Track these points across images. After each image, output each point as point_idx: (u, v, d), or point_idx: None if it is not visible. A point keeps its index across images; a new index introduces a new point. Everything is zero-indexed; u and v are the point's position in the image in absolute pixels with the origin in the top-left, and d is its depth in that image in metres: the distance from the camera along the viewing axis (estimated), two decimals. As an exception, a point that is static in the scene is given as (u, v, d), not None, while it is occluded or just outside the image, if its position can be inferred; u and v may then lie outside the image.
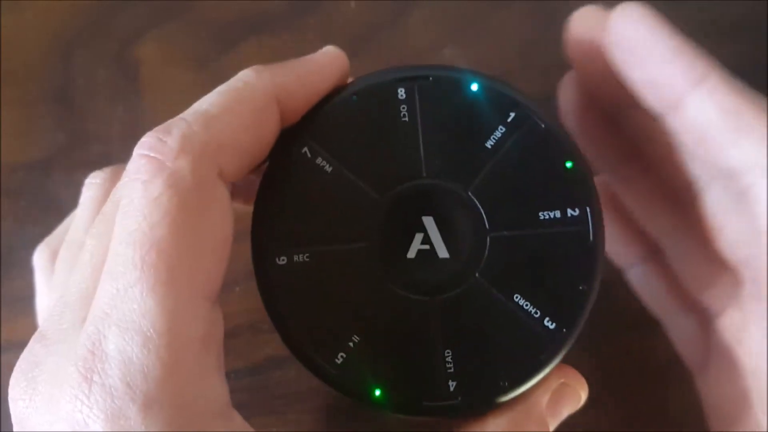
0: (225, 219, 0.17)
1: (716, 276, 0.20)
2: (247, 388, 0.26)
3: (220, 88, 0.17)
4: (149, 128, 0.17)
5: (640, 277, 0.24)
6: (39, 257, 0.23)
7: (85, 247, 0.18)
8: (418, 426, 0.19)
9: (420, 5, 0.27)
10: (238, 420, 0.16)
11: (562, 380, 0.19)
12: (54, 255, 0.21)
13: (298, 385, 0.26)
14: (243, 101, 0.17)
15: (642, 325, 0.25)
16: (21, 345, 0.17)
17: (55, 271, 0.21)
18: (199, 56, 0.28)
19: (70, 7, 0.29)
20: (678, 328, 0.23)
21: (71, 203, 0.27)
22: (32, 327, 0.26)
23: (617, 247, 0.24)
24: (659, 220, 0.23)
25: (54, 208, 0.27)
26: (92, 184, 0.22)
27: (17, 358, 0.17)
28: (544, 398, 0.18)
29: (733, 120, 0.17)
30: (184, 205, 0.15)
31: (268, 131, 0.18)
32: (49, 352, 0.16)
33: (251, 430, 0.16)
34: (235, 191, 0.18)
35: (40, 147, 0.28)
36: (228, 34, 0.28)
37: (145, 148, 0.16)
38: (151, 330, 0.15)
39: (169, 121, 0.16)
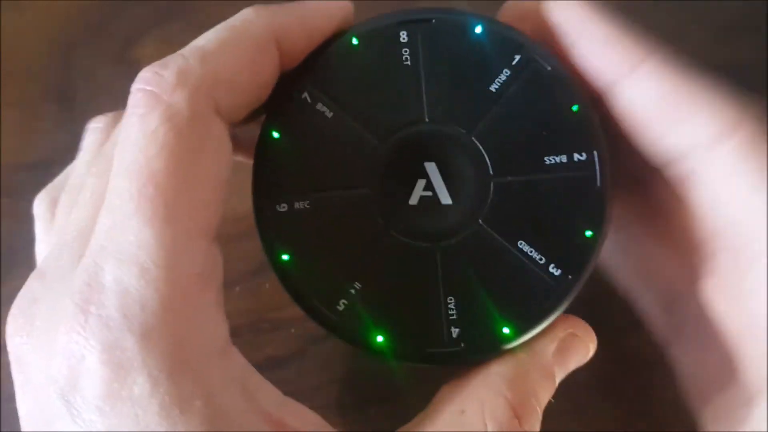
0: (222, 155, 0.16)
1: (683, 252, 0.20)
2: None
3: (219, 26, 0.17)
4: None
5: (607, 257, 0.23)
6: (39, 205, 0.22)
7: (85, 186, 0.18)
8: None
9: None
10: (238, 358, 0.16)
11: (570, 330, 0.18)
12: (54, 203, 0.20)
13: (299, 385, 0.26)
14: (241, 38, 0.17)
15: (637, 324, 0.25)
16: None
17: (56, 215, 0.20)
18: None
19: (71, 8, 0.29)
20: (647, 305, 0.23)
21: (72, 203, 0.27)
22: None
23: None
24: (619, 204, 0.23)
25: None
26: (94, 129, 0.21)
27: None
28: (550, 347, 0.18)
29: (671, 103, 0.17)
30: (181, 138, 0.15)
31: (266, 71, 0.17)
32: (47, 289, 0.16)
33: (252, 368, 0.16)
34: (238, 144, 0.18)
35: (40, 147, 0.28)
36: (228, 34, 0.28)
37: (141, 82, 0.16)
38: (149, 261, 0.15)
39: (167, 57, 0.16)
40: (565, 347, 0.18)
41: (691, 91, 0.17)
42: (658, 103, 0.17)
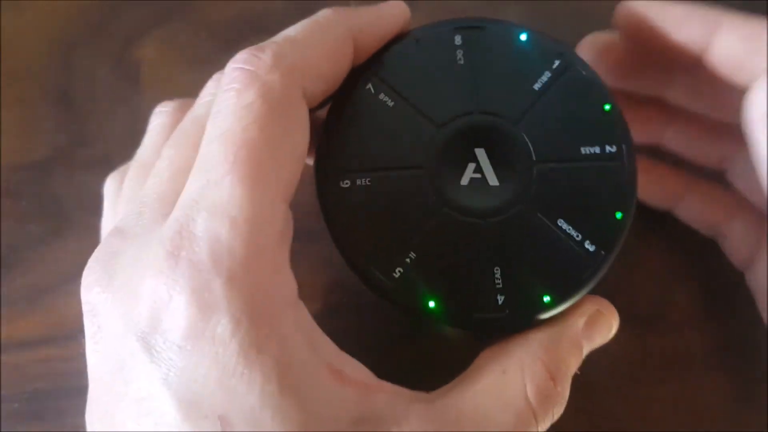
0: (304, 134, 0.18)
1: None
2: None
3: (304, 21, 0.19)
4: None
5: (688, 208, 0.26)
6: (110, 184, 0.23)
7: (162, 156, 0.19)
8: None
9: None
10: (305, 311, 0.17)
11: (597, 308, 0.20)
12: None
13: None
14: (325, 32, 0.19)
15: (633, 324, 0.25)
16: (21, 345, 0.17)
17: (123, 189, 0.21)
18: (200, 56, 0.28)
19: (71, 8, 0.29)
20: (730, 236, 0.25)
21: (72, 203, 0.27)
22: (34, 326, 0.26)
23: (660, 190, 0.26)
24: (714, 151, 0.25)
25: (55, 209, 0.27)
26: (161, 112, 0.23)
27: (17, 358, 0.17)
28: (580, 321, 0.20)
29: (753, 43, 0.20)
30: (273, 113, 0.17)
31: (344, 63, 0.19)
32: (129, 244, 0.17)
33: (314, 323, 0.17)
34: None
35: (40, 147, 0.28)
36: (228, 34, 0.28)
37: (239, 62, 0.18)
38: (239, 216, 0.16)
39: (261, 43, 0.18)
40: (593, 323, 0.20)
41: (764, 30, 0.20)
42: (745, 46, 0.20)
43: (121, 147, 0.25)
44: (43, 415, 0.25)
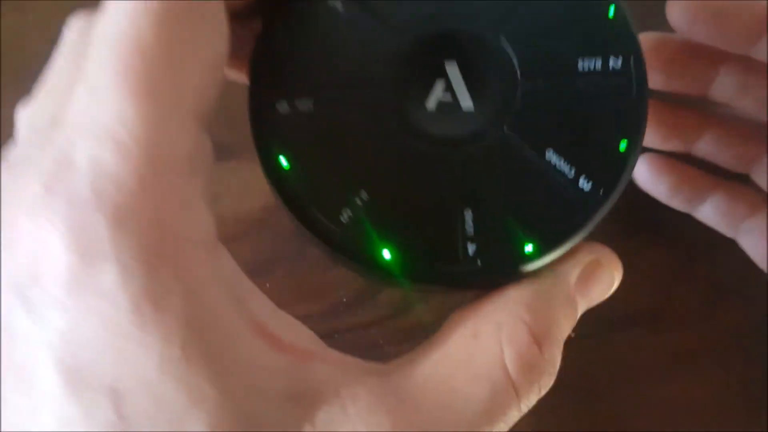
0: (221, 33, 0.15)
1: None
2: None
3: None
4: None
5: (712, 208, 0.25)
6: (20, 118, 0.20)
7: (55, 69, 0.16)
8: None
9: None
10: (227, 258, 0.14)
11: (594, 256, 0.17)
12: None
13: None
14: None
15: (628, 324, 0.25)
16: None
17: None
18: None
19: (70, 8, 0.29)
20: (753, 234, 0.24)
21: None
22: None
23: (685, 191, 0.25)
24: (745, 154, 0.25)
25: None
26: (73, 25, 0.19)
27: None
28: (573, 272, 0.16)
29: None
30: (178, 10, 0.14)
31: None
32: (12, 176, 0.14)
33: (243, 274, 0.15)
34: (231, 58, 0.17)
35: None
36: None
37: None
38: (129, 138, 0.13)
39: None
40: (589, 275, 0.17)
41: None
42: None
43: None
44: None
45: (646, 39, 0.24)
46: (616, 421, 0.25)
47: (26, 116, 0.17)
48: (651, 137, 0.26)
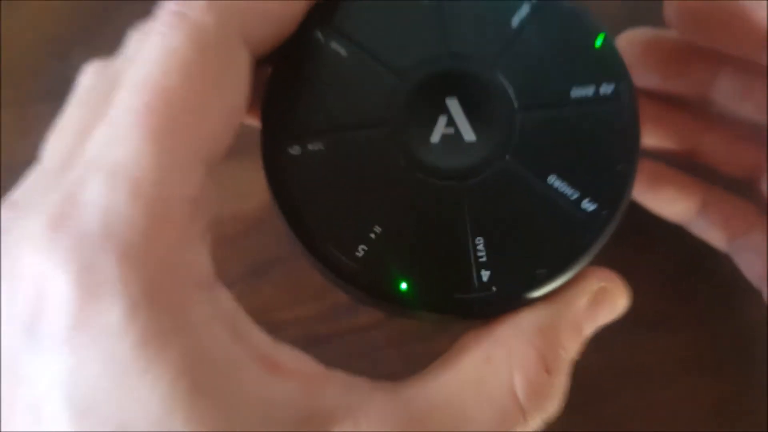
0: (242, 85, 0.16)
1: None
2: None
3: None
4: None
5: (707, 220, 0.24)
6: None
7: (68, 114, 0.16)
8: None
9: None
10: (226, 296, 0.15)
11: (603, 284, 0.17)
12: None
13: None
14: None
15: (634, 327, 0.25)
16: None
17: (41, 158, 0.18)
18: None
19: (68, 7, 0.29)
20: (749, 250, 0.23)
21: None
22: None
23: (680, 201, 0.24)
24: (750, 159, 0.23)
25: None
26: (87, 72, 0.19)
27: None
28: (583, 299, 0.17)
29: None
30: (204, 60, 0.14)
31: (295, 3, 0.17)
32: (19, 216, 0.14)
33: (242, 310, 0.15)
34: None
35: (37, 147, 0.28)
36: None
37: (170, 4, 0.15)
38: (143, 179, 0.13)
39: None
40: (597, 302, 0.17)
41: None
42: None
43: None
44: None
45: (641, 35, 0.23)
46: (620, 424, 0.25)
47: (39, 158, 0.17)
48: (649, 136, 0.25)
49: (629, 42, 0.23)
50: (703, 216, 0.24)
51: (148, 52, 0.14)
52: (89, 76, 0.18)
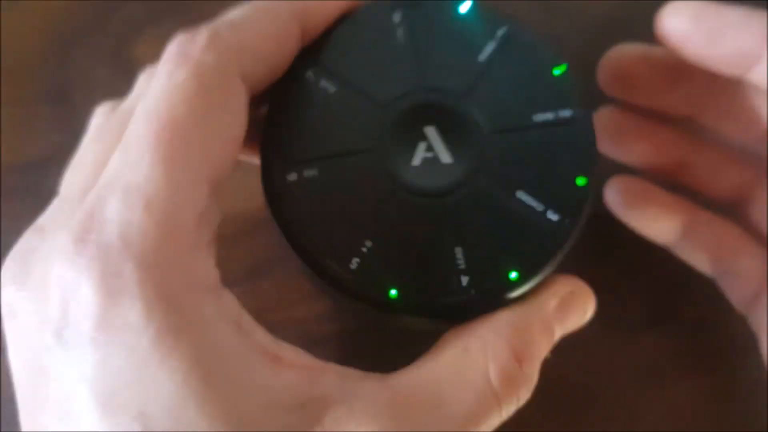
0: (241, 117, 0.17)
1: None
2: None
3: (247, 3, 0.19)
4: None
5: (693, 242, 0.24)
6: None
7: (85, 149, 0.19)
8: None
9: None
10: (231, 299, 0.16)
11: (571, 290, 0.19)
12: None
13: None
14: (267, 13, 0.18)
15: (633, 328, 0.25)
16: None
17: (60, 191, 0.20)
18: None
19: (68, 6, 0.29)
20: (735, 274, 0.24)
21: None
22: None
23: (666, 221, 0.24)
24: (736, 180, 0.24)
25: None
26: (100, 112, 0.22)
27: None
28: (552, 302, 0.19)
29: None
30: (206, 94, 0.16)
31: (288, 44, 0.19)
32: (46, 239, 0.17)
33: (245, 312, 0.16)
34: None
35: (38, 146, 0.28)
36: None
37: (175, 44, 0.17)
38: (155, 196, 0.15)
39: (201, 26, 0.18)
40: (566, 305, 0.19)
41: None
42: None
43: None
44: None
45: (630, 51, 0.23)
46: (614, 425, 0.25)
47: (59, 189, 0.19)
48: (635, 153, 0.24)
49: (618, 58, 0.23)
50: (688, 238, 0.24)
51: (156, 87, 0.16)
52: (100, 117, 0.21)
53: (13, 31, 0.29)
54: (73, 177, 0.18)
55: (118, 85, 0.28)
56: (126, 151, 0.16)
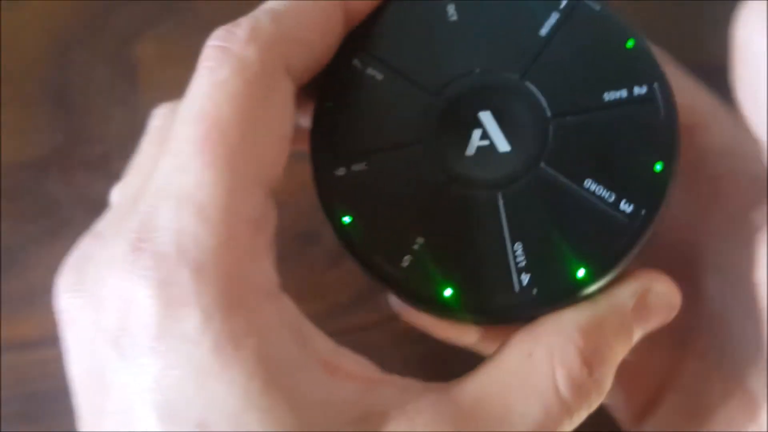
0: (288, 112, 0.17)
1: None
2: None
3: None
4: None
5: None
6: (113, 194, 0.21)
7: (141, 152, 0.18)
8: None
9: None
10: (290, 304, 0.16)
11: (652, 284, 0.17)
12: None
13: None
14: (309, 1, 0.17)
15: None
16: (21, 345, 0.17)
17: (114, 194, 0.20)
18: (198, 55, 0.28)
19: (68, 7, 0.29)
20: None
21: (70, 203, 0.27)
22: (33, 327, 0.26)
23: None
24: None
25: (52, 208, 0.27)
26: (156, 115, 0.21)
27: (17, 358, 0.16)
28: (630, 300, 0.17)
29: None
30: (250, 90, 0.16)
31: (333, 31, 0.18)
32: (103, 246, 0.16)
33: (305, 317, 0.16)
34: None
35: (38, 147, 0.28)
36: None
37: (214, 39, 0.16)
38: (207, 202, 0.15)
39: (240, 18, 0.17)
40: (646, 302, 0.17)
41: None
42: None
43: (120, 146, 0.25)
44: (42, 416, 0.25)
45: None
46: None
47: (115, 195, 0.19)
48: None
49: None
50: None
51: (198, 86, 0.16)
52: (158, 118, 0.20)
53: (13, 31, 0.29)
54: (129, 181, 0.18)
55: (119, 86, 0.28)
56: (174, 155, 0.15)
